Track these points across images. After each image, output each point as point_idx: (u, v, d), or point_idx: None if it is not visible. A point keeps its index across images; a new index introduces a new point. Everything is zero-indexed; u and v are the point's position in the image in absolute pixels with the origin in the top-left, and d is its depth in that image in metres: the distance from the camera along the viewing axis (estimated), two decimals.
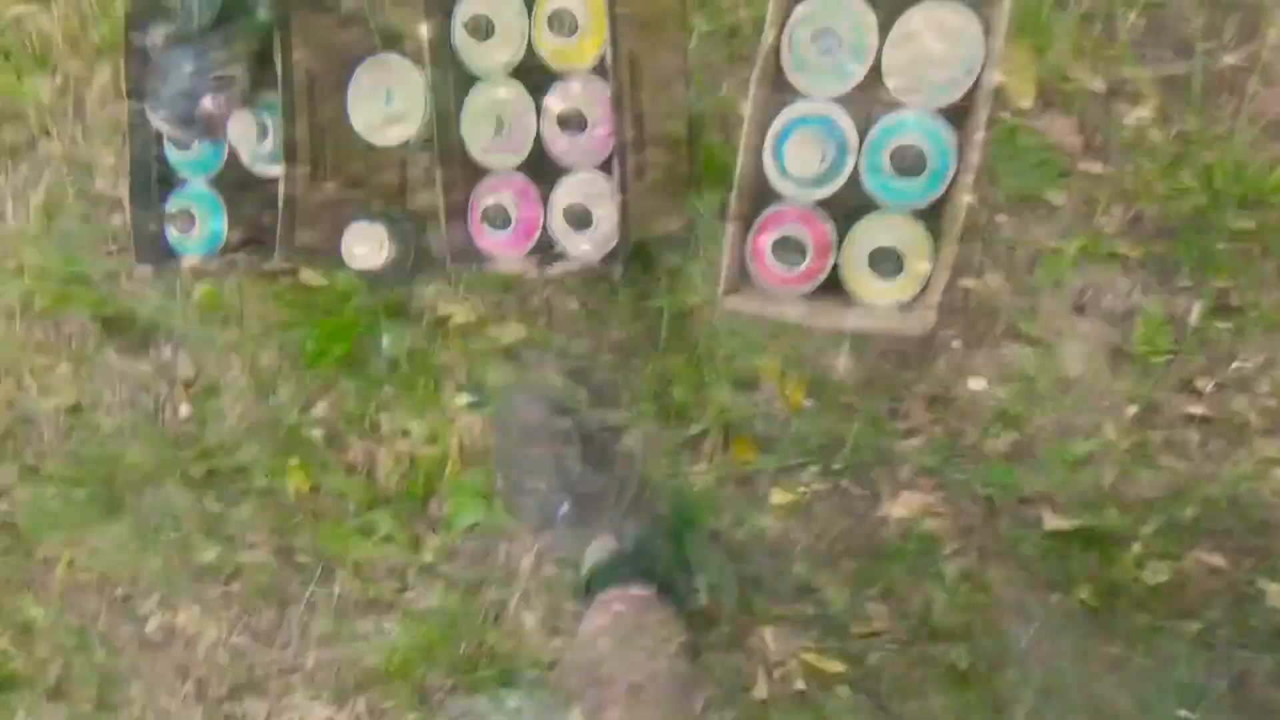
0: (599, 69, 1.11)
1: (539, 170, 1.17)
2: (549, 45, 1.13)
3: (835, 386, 1.21)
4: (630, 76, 1.09)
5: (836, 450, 1.22)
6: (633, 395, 1.31)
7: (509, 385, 1.34)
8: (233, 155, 1.27)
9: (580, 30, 1.10)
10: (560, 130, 1.13)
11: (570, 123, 1.12)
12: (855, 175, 1.08)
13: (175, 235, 1.27)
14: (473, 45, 1.15)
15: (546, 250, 1.18)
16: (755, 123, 1.07)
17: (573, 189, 1.15)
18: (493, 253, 1.19)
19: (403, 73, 1.24)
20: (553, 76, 1.15)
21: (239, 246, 1.27)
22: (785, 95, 1.08)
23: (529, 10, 1.13)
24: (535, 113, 1.15)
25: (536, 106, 1.15)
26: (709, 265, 1.20)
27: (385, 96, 1.24)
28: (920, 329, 1.06)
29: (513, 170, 1.18)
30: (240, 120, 1.20)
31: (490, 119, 1.14)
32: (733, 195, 1.07)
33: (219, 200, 1.27)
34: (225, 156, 1.27)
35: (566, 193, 1.15)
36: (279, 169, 1.18)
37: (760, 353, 1.25)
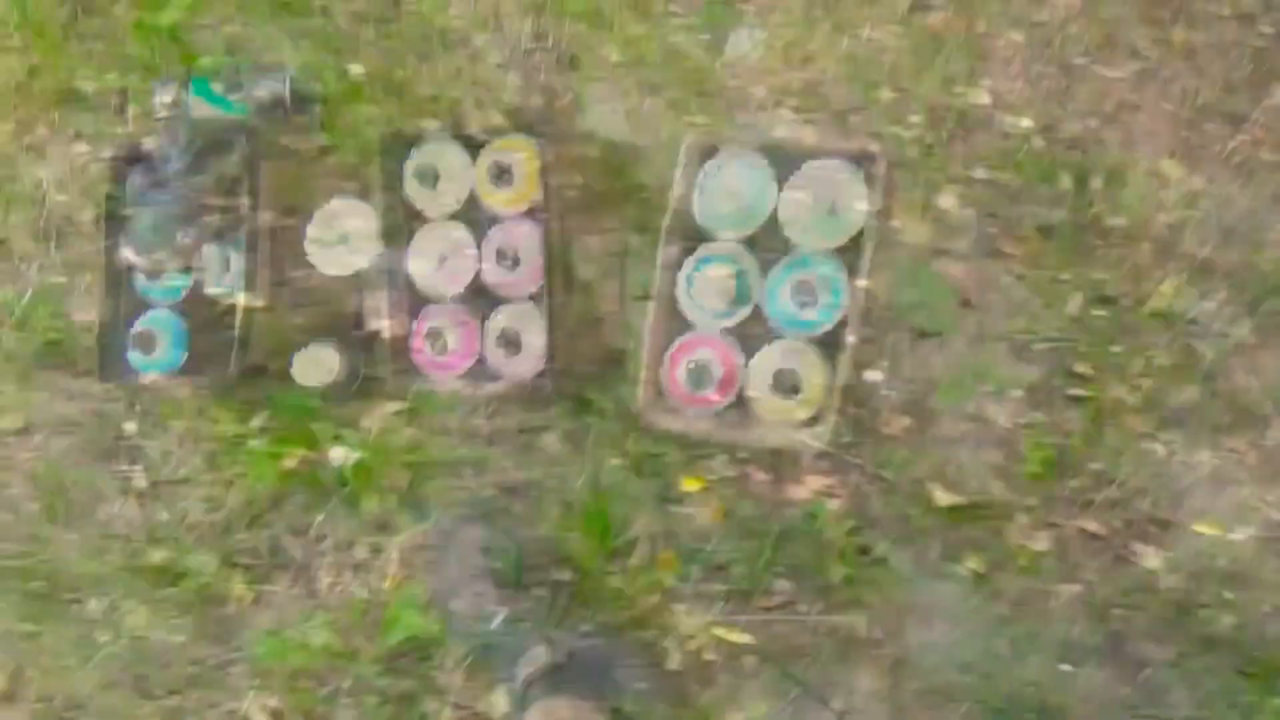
0: (533, 213, 1.25)
1: (477, 300, 1.29)
2: (489, 193, 1.28)
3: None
4: (561, 220, 1.23)
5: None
6: (565, 508, 1.39)
7: (447, 503, 1.41)
8: (198, 284, 1.38)
9: (517, 181, 1.25)
10: (497, 265, 1.26)
11: (506, 259, 1.25)
12: (759, 307, 1.21)
13: (137, 355, 1.37)
14: (421, 191, 1.29)
15: (482, 372, 1.29)
16: (669, 259, 1.21)
17: (506, 317, 1.27)
18: (433, 373, 1.30)
19: (357, 213, 1.37)
20: (492, 219, 1.28)
21: (198, 367, 1.36)
22: (697, 237, 1.22)
23: (473, 161, 1.28)
24: (475, 249, 1.28)
25: (477, 244, 1.28)
26: (632, 386, 1.31)
27: (341, 233, 1.37)
28: (817, 444, 1.18)
29: (453, 300, 1.30)
30: (207, 253, 1.32)
31: (434, 255, 1.27)
32: (649, 324, 1.20)
33: (182, 324, 1.38)
34: (191, 285, 1.38)
35: (500, 320, 1.27)
36: (240, 297, 1.30)
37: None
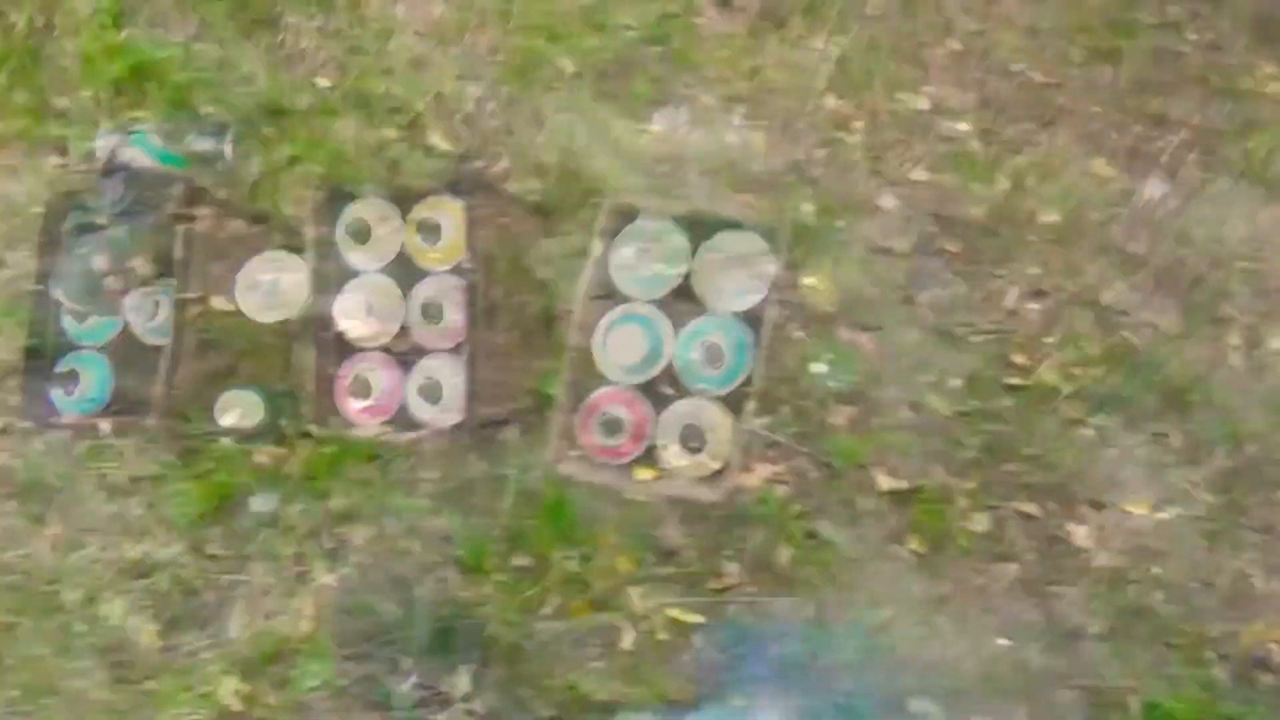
0: (458, 269, 1.31)
1: (401, 350, 1.34)
2: (417, 249, 1.34)
3: None
4: (485, 276, 1.30)
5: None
6: (477, 559, 1.42)
7: (361, 565, 1.43)
8: (126, 327, 1.40)
9: (444, 238, 1.32)
10: (421, 318, 1.31)
11: (431, 313, 1.30)
12: (670, 365, 1.28)
13: (60, 396, 1.38)
14: (352, 246, 1.35)
15: (403, 420, 1.33)
16: (585, 318, 1.28)
17: (428, 368, 1.32)
18: (355, 420, 1.34)
19: (289, 264, 1.42)
20: (419, 273, 1.34)
21: (120, 408, 1.38)
22: (612, 298, 1.30)
23: (403, 219, 1.35)
24: (402, 302, 1.34)
25: (404, 297, 1.34)
26: (548, 436, 1.36)
27: (272, 283, 1.41)
28: (720, 498, 1.24)
29: (378, 350, 1.35)
30: (136, 298, 1.35)
31: (362, 306, 1.32)
32: (565, 378, 1.26)
33: (107, 365, 1.40)
34: (120, 328, 1.41)
35: (423, 370, 1.32)
36: (166, 340, 1.33)
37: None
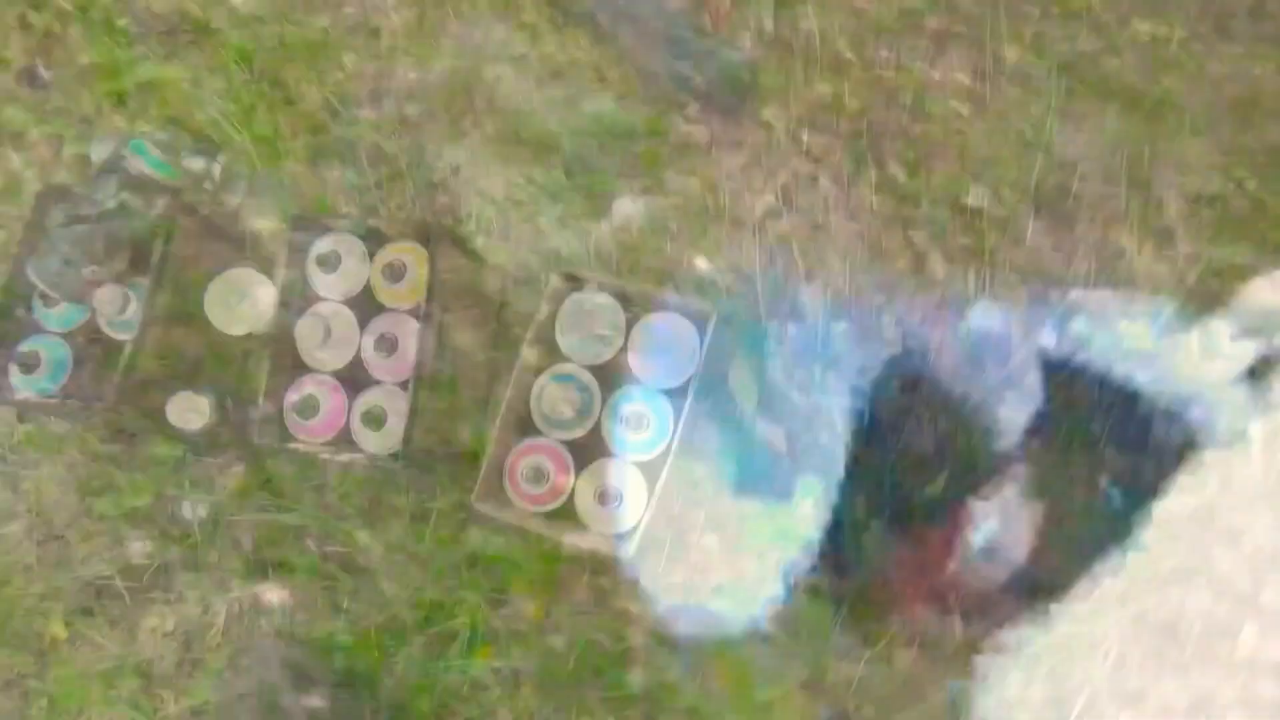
0: (416, 311, 1.41)
1: (352, 377, 1.43)
2: (380, 286, 1.44)
3: None
4: (440, 320, 1.40)
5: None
6: (390, 595, 1.50)
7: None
8: (92, 318, 1.47)
9: (407, 279, 1.41)
10: (375, 350, 1.40)
11: (385, 346, 1.39)
12: (598, 426, 1.39)
13: (18, 375, 1.44)
14: (320, 275, 1.44)
15: (344, 443, 1.41)
16: (523, 373, 1.38)
17: (375, 396, 1.41)
18: (298, 435, 1.42)
19: (257, 282, 1.51)
20: (379, 308, 1.44)
21: (73, 395, 1.44)
22: (552, 356, 1.40)
23: (370, 257, 1.44)
24: (358, 333, 1.43)
25: (361, 328, 1.43)
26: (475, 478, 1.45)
27: (239, 296, 1.50)
28: (625, 555, 1.34)
29: (331, 373, 1.43)
30: (108, 290, 1.42)
31: (320, 330, 1.41)
32: (498, 424, 1.36)
33: (67, 351, 1.46)
34: (86, 318, 1.48)
35: (369, 399, 1.41)
36: (130, 336, 1.40)
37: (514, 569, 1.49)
